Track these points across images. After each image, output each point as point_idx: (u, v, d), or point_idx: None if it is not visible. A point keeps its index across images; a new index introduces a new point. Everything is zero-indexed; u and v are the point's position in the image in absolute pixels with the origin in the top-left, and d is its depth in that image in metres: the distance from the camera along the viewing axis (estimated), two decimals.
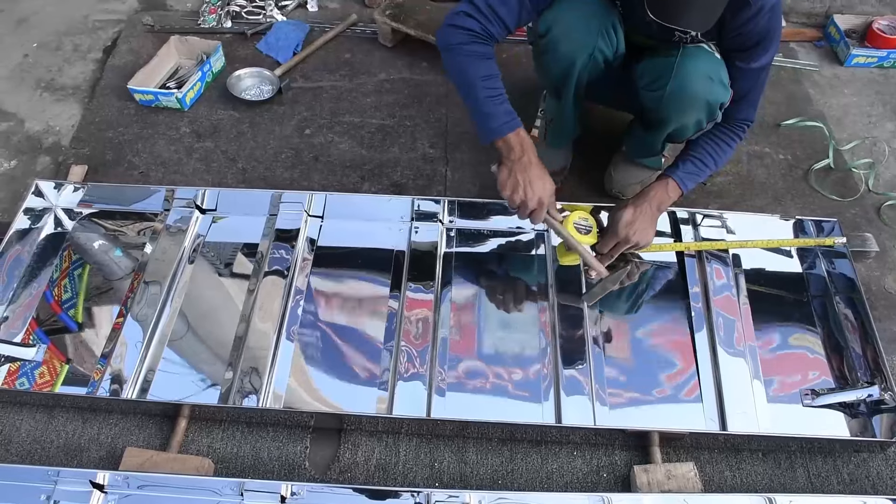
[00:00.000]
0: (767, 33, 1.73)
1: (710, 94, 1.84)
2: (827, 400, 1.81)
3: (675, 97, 1.88)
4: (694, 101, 1.86)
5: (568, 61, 1.91)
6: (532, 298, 2.02)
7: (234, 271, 2.09)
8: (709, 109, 1.88)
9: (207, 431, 1.82)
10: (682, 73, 1.84)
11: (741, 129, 1.93)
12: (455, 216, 2.18)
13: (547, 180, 1.81)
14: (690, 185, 1.92)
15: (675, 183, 1.90)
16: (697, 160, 1.92)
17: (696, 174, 1.92)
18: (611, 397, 1.82)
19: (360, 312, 2.00)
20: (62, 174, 2.37)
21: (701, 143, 1.94)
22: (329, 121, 2.60)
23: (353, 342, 1.93)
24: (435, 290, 2.02)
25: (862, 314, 1.95)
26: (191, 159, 2.46)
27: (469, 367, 1.88)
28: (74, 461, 1.77)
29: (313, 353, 1.91)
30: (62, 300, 2.03)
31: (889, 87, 2.78)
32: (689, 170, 1.91)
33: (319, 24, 2.99)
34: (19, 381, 1.85)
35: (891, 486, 1.75)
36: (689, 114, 1.91)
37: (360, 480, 1.74)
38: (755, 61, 1.80)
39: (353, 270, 2.09)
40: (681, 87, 1.85)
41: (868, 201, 2.36)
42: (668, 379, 1.87)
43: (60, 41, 2.96)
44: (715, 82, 1.83)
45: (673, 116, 1.94)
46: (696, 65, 1.83)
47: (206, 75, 2.68)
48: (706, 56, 1.85)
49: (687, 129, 1.96)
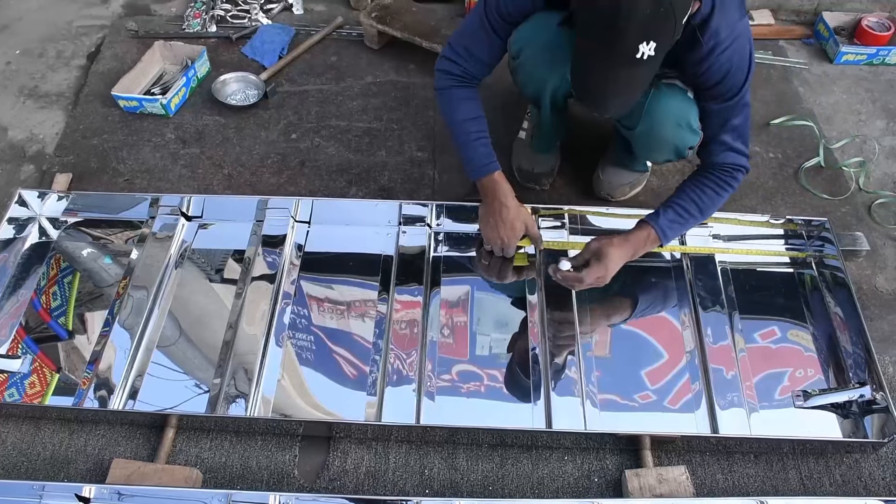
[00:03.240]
0: (729, 71, 1.65)
1: (678, 139, 1.87)
2: (818, 401, 1.80)
3: (644, 138, 1.93)
4: (662, 144, 1.91)
5: (539, 83, 1.94)
6: (522, 302, 2.01)
7: (220, 278, 2.07)
8: (676, 152, 1.93)
9: (196, 441, 1.80)
10: (651, 118, 1.85)
11: (731, 178, 1.83)
12: (442, 220, 2.16)
13: (516, 222, 1.95)
14: (672, 235, 1.86)
15: (655, 234, 1.86)
16: (681, 208, 1.84)
17: (678, 223, 1.85)
18: (602, 401, 1.81)
19: (348, 318, 1.98)
20: (46, 183, 2.35)
21: (687, 190, 1.85)
22: (315, 125, 2.58)
23: (341, 348, 1.92)
24: (423, 295, 2.01)
25: (853, 314, 1.94)
26: (176, 166, 2.44)
27: (458, 371, 1.87)
28: (61, 473, 1.75)
29: (302, 360, 1.89)
30: (51, 308, 2.01)
31: (879, 85, 2.78)
32: (671, 218, 1.85)
33: (305, 28, 2.97)
34: (8, 392, 1.83)
35: (883, 486, 1.74)
36: (657, 153, 1.99)
37: (350, 489, 1.72)
38: (722, 100, 1.72)
39: (340, 276, 2.07)
40: (649, 130, 1.89)
41: (858, 200, 2.36)
42: (658, 382, 1.85)
43: (44, 48, 2.93)
44: (683, 128, 1.83)
45: (643, 153, 2.06)
46: (665, 109, 1.83)
47: (190, 81, 2.66)
48: (677, 98, 1.82)
49: (658, 160, 2.06)
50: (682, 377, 1.85)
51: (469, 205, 2.14)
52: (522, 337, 1.93)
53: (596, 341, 1.93)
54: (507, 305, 2.01)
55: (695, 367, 1.87)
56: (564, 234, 2.14)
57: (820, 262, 2.09)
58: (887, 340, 1.99)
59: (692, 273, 2.05)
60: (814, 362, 1.90)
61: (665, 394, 1.83)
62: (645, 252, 1.89)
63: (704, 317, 1.95)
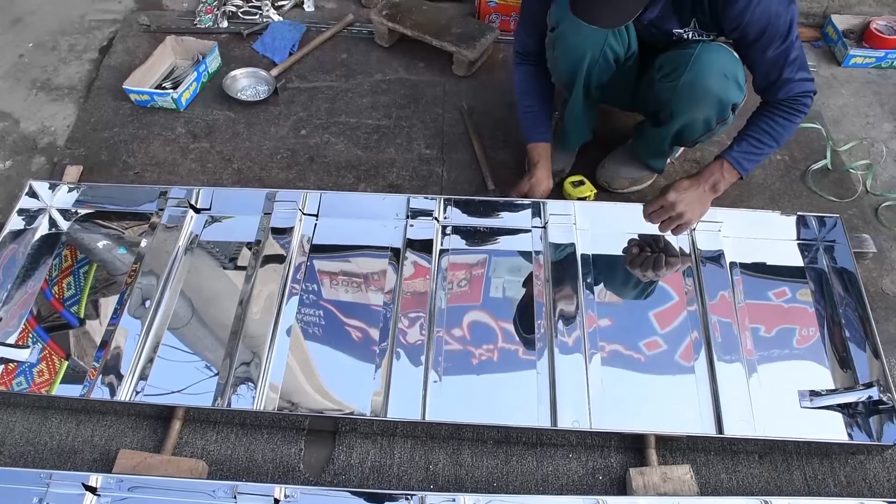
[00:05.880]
0: (769, 19, 1.67)
1: (723, 92, 1.85)
2: (825, 401, 1.80)
3: (688, 89, 1.88)
4: (706, 95, 1.86)
5: (577, 55, 1.93)
6: (529, 298, 2.01)
7: (228, 270, 2.09)
8: (720, 107, 1.89)
9: (202, 433, 1.81)
10: (698, 66, 1.83)
11: (802, 105, 1.82)
12: (450, 213, 2.17)
13: (542, 183, 2.14)
14: (748, 165, 1.87)
15: (728, 164, 1.87)
16: (753, 139, 1.86)
17: (754, 153, 1.86)
18: (607, 399, 1.81)
19: (354, 311, 1.99)
20: (57, 174, 2.36)
21: (757, 121, 1.87)
22: (325, 121, 2.59)
23: (348, 342, 1.93)
24: (430, 289, 2.01)
25: (862, 315, 1.94)
26: (186, 160, 2.45)
27: (465, 367, 1.88)
28: (68, 463, 1.76)
29: (308, 353, 1.90)
30: (64, 297, 2.02)
31: (887, 88, 2.77)
32: (745, 149, 1.86)
33: (316, 25, 2.98)
34: (17, 381, 1.85)
35: (888, 488, 1.74)
36: (699, 108, 1.91)
37: (355, 483, 1.73)
38: (771, 49, 1.73)
39: (348, 268, 2.08)
40: (695, 79, 1.85)
41: (866, 202, 2.36)
42: (664, 381, 1.86)
43: (56, 41, 2.95)
44: (730, 80, 1.83)
45: (684, 109, 1.95)
46: (712, 60, 1.82)
47: (201, 75, 2.67)
48: (724, 53, 1.83)
49: (696, 125, 1.98)
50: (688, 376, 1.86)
51: (477, 198, 2.15)
52: (529, 335, 1.93)
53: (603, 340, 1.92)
54: (514, 303, 2.01)
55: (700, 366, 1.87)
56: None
57: (831, 259, 2.09)
58: (893, 342, 1.99)
59: (699, 273, 2.05)
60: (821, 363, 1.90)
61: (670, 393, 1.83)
62: (727, 184, 1.91)
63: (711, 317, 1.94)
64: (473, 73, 2.77)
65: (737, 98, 1.88)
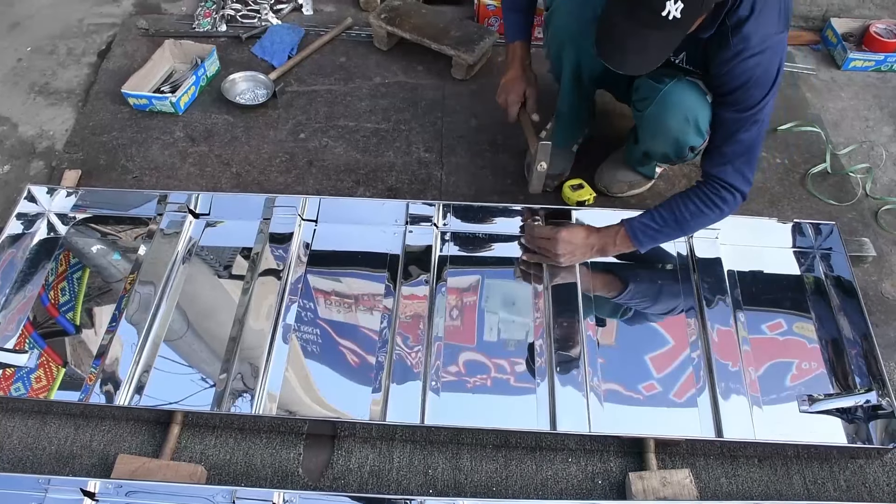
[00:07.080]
0: (749, 80, 1.62)
1: (681, 133, 1.86)
2: (824, 405, 1.80)
3: (651, 121, 1.92)
4: (666, 133, 1.89)
5: (569, 37, 1.95)
6: (527, 303, 2.01)
7: (227, 275, 2.08)
8: (676, 146, 1.91)
9: (200, 438, 1.81)
10: (663, 104, 1.85)
11: (720, 197, 1.77)
12: (449, 219, 2.16)
13: (517, 85, 2.10)
14: (644, 239, 1.86)
15: (625, 234, 1.87)
16: (659, 217, 1.84)
17: (653, 231, 1.85)
18: (606, 403, 1.81)
19: (354, 314, 1.99)
20: (56, 179, 2.36)
21: (673, 200, 1.84)
22: (324, 125, 2.59)
23: (347, 347, 1.92)
24: (429, 294, 2.01)
25: (860, 319, 1.94)
26: (185, 164, 2.45)
27: (464, 372, 1.87)
28: (66, 468, 1.76)
29: (307, 358, 1.90)
30: (59, 303, 2.01)
31: (886, 91, 2.77)
32: (647, 223, 1.85)
33: (314, 28, 2.98)
34: (14, 387, 1.85)
35: (888, 492, 1.73)
36: (657, 142, 1.97)
37: (354, 487, 1.73)
38: (735, 109, 1.68)
39: (347, 274, 2.08)
40: (658, 114, 1.88)
41: (865, 206, 2.35)
42: (663, 385, 1.85)
43: (54, 45, 2.95)
44: (689, 123, 1.83)
45: (646, 139, 2.02)
46: (677, 101, 1.83)
47: (200, 79, 2.67)
48: (691, 95, 1.81)
49: (656, 155, 2.04)
50: (687, 380, 1.86)
51: (476, 204, 2.15)
52: (528, 339, 1.93)
53: (602, 344, 1.92)
54: (513, 308, 2.01)
55: (700, 370, 1.87)
56: None
57: (827, 266, 2.09)
58: (893, 346, 1.98)
59: (697, 279, 2.05)
60: (820, 367, 1.90)
61: (670, 397, 1.83)
62: (617, 251, 1.93)
63: (710, 322, 1.95)
64: (472, 77, 2.77)
65: (694, 142, 1.87)
